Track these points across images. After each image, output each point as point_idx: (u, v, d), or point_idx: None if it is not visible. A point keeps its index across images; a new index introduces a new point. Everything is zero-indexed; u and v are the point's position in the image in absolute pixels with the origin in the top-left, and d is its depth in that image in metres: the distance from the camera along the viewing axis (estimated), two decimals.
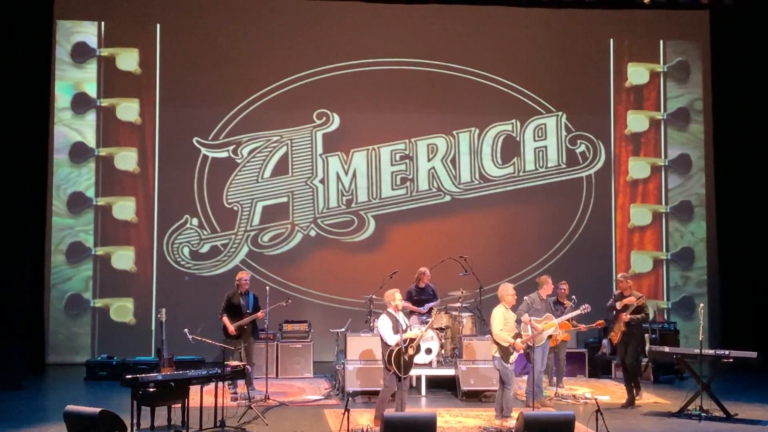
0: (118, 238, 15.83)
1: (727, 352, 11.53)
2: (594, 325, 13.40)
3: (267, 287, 12.81)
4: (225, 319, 12.78)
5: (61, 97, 15.78)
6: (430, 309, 13.31)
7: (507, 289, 10.91)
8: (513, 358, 10.69)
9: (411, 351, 10.39)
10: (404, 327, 10.48)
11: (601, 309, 12.81)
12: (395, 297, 10.60)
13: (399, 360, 10.34)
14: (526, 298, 12.04)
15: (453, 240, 15.88)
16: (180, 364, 12.70)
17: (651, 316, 13.19)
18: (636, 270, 16.85)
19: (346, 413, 9.48)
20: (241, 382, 12.04)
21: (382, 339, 10.54)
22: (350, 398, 11.48)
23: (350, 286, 15.49)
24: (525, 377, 12.29)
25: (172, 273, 15.88)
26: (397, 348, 10.33)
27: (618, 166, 17.01)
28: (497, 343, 10.72)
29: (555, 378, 12.90)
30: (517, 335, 10.74)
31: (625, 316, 11.93)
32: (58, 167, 15.70)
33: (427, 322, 12.75)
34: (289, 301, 13.15)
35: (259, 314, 12.71)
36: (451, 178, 16.60)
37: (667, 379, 14.15)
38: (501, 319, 10.80)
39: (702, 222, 17.04)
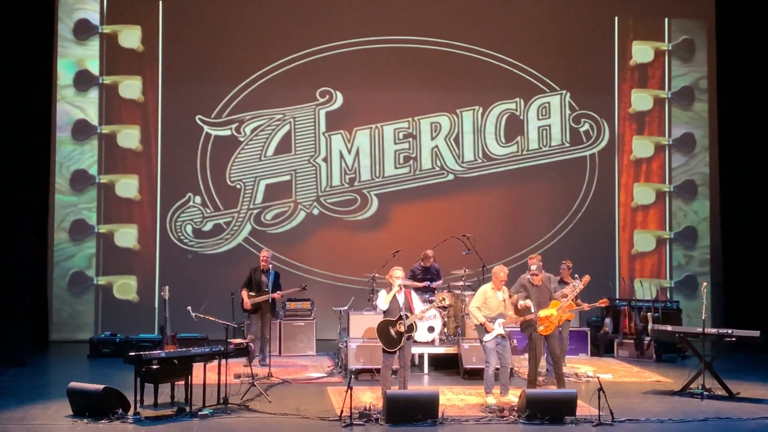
0: (121, 215, 15.83)
1: (729, 331, 11.52)
2: (597, 303, 13.39)
3: (270, 265, 12.84)
4: (243, 293, 13.02)
5: (64, 75, 15.74)
6: (432, 289, 13.32)
7: (497, 272, 10.91)
8: (488, 337, 10.70)
9: (401, 328, 10.36)
10: (401, 306, 10.46)
11: (604, 288, 12.82)
12: (393, 274, 10.58)
13: (384, 332, 10.36)
14: (520, 278, 12.07)
15: (456, 219, 15.87)
16: (183, 341, 12.75)
17: None
18: (639, 249, 16.87)
19: (349, 391, 9.52)
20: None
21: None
22: (353, 376, 11.51)
23: (353, 265, 15.51)
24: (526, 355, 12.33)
25: (175, 251, 15.90)
26: (383, 321, 10.39)
27: (622, 145, 16.98)
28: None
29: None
30: (501, 315, 10.75)
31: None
32: (61, 145, 15.68)
33: (429, 301, 12.77)
34: (305, 287, 13.30)
35: (275, 295, 12.95)
36: (455, 157, 16.57)
37: (669, 357, 14.18)
38: (481, 297, 10.87)
39: (705, 201, 17.03)
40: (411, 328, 10.46)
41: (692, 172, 17.06)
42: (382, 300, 10.55)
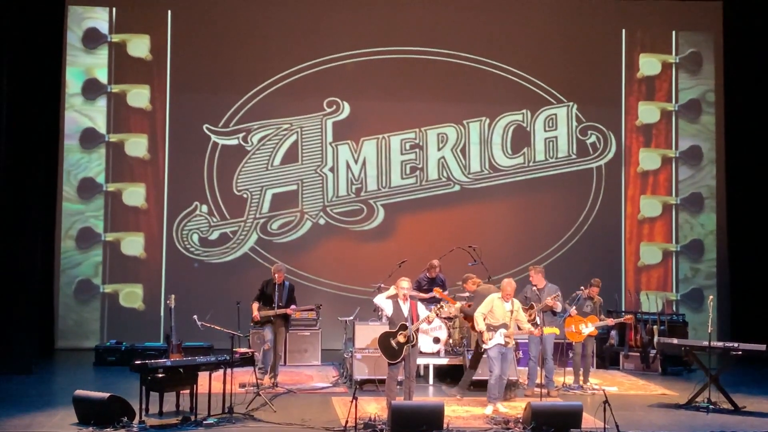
0: (128, 224, 15.87)
1: (736, 345, 11.50)
2: (622, 319, 13.39)
3: (275, 275, 12.82)
4: (253, 305, 12.48)
5: (72, 83, 15.80)
6: (434, 298, 13.24)
7: (504, 285, 11.04)
8: (490, 344, 10.77)
9: (402, 339, 10.37)
10: (405, 316, 10.46)
11: (610, 301, 12.78)
12: (399, 285, 10.60)
13: (384, 344, 10.39)
14: (525, 289, 12.17)
15: (462, 230, 15.86)
16: (189, 350, 12.72)
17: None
18: (645, 261, 16.84)
19: (354, 401, 9.51)
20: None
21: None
22: (358, 386, 11.50)
23: (359, 275, 15.49)
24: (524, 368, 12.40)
25: (182, 259, 15.92)
26: (384, 333, 10.45)
27: (628, 157, 16.97)
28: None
29: (582, 372, 12.75)
30: (504, 325, 10.77)
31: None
32: (69, 153, 15.73)
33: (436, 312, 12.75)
34: (320, 306, 13.19)
35: (288, 310, 12.36)
36: (461, 168, 16.58)
37: (675, 371, 14.14)
38: (488, 304, 10.97)
39: (712, 214, 17.00)
40: (410, 339, 10.43)
41: (699, 184, 17.04)
42: (381, 299, 10.62)
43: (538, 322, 11.55)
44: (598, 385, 12.57)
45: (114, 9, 15.94)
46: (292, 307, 12.43)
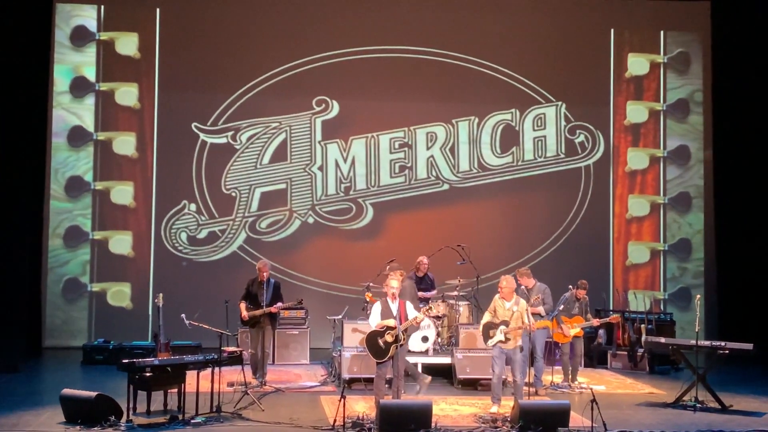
0: (116, 222, 15.83)
1: (722, 344, 11.54)
2: (608, 319, 13.39)
3: (264, 273, 12.80)
4: (241, 305, 12.38)
5: (60, 81, 15.75)
6: (427, 299, 13.25)
7: (500, 281, 11.01)
8: (490, 342, 10.78)
9: (389, 338, 10.37)
10: (394, 315, 10.46)
11: (598, 299, 12.79)
12: (389, 284, 10.61)
13: (371, 343, 10.39)
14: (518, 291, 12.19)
15: (451, 229, 15.87)
16: (177, 349, 12.68)
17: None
18: (633, 260, 16.88)
19: (342, 400, 9.51)
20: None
21: None
22: (346, 385, 11.51)
23: (348, 274, 15.49)
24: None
25: (170, 258, 15.88)
26: (372, 331, 10.46)
27: (617, 156, 17.01)
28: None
29: (570, 371, 12.73)
30: (504, 323, 10.78)
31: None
32: (57, 151, 15.67)
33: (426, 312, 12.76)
34: (302, 301, 13.16)
35: (272, 309, 12.25)
36: (450, 167, 16.59)
37: (662, 369, 14.18)
38: (492, 305, 10.98)
39: (700, 213, 17.05)
40: (398, 339, 10.42)
41: (687, 184, 17.09)
42: (372, 320, 10.60)
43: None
44: (585, 383, 12.60)
45: (102, 7, 15.89)
46: (277, 305, 12.35)
